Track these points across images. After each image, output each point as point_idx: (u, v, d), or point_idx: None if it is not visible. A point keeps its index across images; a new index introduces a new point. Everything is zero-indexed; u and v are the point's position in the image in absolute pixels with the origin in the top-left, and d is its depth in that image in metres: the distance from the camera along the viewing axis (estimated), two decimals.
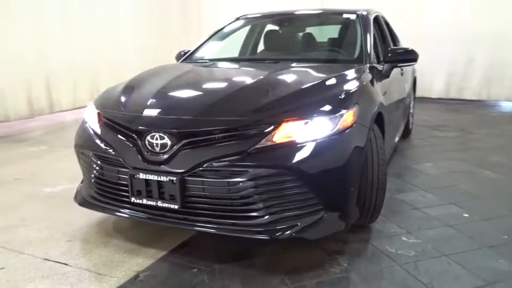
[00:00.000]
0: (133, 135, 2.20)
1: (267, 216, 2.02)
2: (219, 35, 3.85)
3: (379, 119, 2.60)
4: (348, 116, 2.14)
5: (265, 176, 1.97)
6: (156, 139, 2.10)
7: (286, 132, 2.04)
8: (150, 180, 2.10)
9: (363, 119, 2.25)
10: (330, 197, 2.08)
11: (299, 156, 2.00)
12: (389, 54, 3.09)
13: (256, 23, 4.15)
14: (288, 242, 2.36)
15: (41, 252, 2.38)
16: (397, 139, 3.96)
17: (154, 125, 2.15)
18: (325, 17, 3.96)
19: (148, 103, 2.32)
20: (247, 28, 4.10)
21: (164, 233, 2.53)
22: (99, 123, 2.44)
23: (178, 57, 3.75)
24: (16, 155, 4.55)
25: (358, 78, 2.54)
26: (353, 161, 2.11)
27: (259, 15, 4.10)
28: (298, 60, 3.20)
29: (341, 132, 2.09)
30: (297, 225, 2.02)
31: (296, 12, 4.02)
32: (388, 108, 2.98)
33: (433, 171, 3.81)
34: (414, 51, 3.14)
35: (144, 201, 2.15)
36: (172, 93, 2.46)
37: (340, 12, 3.77)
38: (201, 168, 2.02)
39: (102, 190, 2.36)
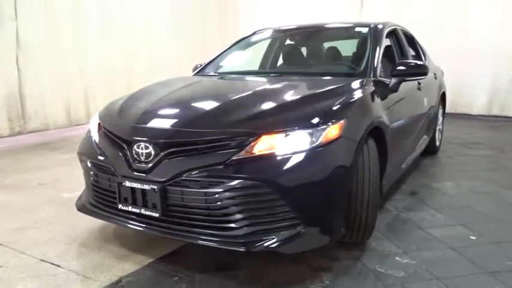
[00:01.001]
0: (124, 144, 2.28)
1: (244, 228, 2.02)
2: (234, 48, 3.92)
3: (378, 134, 2.54)
4: (332, 130, 2.11)
5: (241, 187, 1.97)
6: (142, 149, 2.17)
7: (266, 144, 2.04)
8: (135, 188, 2.16)
9: (351, 133, 2.20)
10: (309, 211, 2.05)
11: (275, 168, 2.00)
12: (397, 68, 3.01)
13: (271, 37, 4.18)
14: (276, 255, 2.34)
15: (40, 253, 2.50)
16: (414, 156, 3.82)
17: (140, 135, 2.22)
18: (338, 31, 3.92)
19: (139, 114, 2.40)
20: (262, 42, 4.14)
21: (157, 241, 2.58)
22: (98, 132, 2.55)
23: (194, 70, 3.85)
24: (46, 161, 4.82)
25: (352, 92, 2.49)
26: (335, 175, 2.07)
27: (274, 30, 4.14)
28: (304, 74, 3.20)
29: (323, 146, 2.06)
30: (273, 238, 2.00)
31: (311, 27, 4.02)
32: (394, 123, 2.89)
33: (452, 191, 3.63)
34: (423, 65, 3.05)
35: (130, 208, 2.21)
36: (163, 106, 2.53)
37: (354, 26, 3.73)
38: (180, 178, 2.06)
39: (97, 197, 2.46)
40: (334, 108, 2.24)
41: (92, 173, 2.45)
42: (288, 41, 4.20)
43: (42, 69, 6.32)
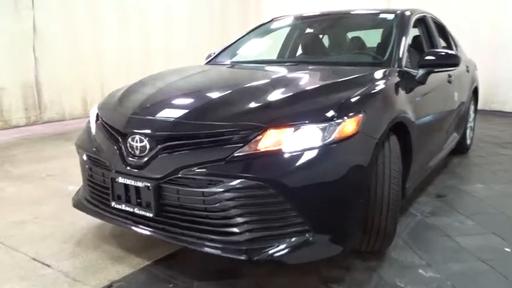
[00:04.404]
0: (118, 136, 2.10)
1: (246, 234, 1.80)
2: (249, 36, 3.70)
3: (401, 130, 2.28)
4: (347, 125, 1.86)
5: (242, 188, 1.75)
6: (136, 142, 1.97)
7: (273, 140, 1.81)
8: (129, 185, 1.97)
9: (370, 129, 1.95)
10: (320, 216, 1.81)
11: (282, 167, 1.77)
12: (425, 58, 2.72)
13: (290, 25, 3.93)
14: (282, 264, 2.11)
15: (33, 251, 2.36)
16: (442, 154, 3.51)
17: (135, 126, 2.03)
18: (361, 18, 3.62)
19: (136, 105, 2.21)
20: (280, 30, 3.89)
21: (157, 241, 2.38)
22: (96, 123, 2.38)
23: (207, 58, 3.65)
24: (60, 152, 4.73)
25: (373, 82, 2.23)
26: (350, 176, 1.83)
27: (293, 17, 3.88)
28: (322, 63, 2.94)
29: (337, 142, 1.82)
30: (278, 246, 1.78)
31: (332, 14, 3.75)
32: (421, 119, 2.62)
33: (482, 194, 3.31)
34: (454, 55, 2.74)
35: (123, 207, 2.02)
36: (163, 96, 2.32)
37: (379, 12, 3.44)
38: (176, 176, 1.85)
39: (92, 192, 2.29)
40: (352, 100, 1.99)
41: (87, 167, 2.28)
42: (308, 30, 3.94)
43: (59, 59, 6.25)
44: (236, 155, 1.79)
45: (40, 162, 4.29)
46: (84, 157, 2.31)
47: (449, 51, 2.83)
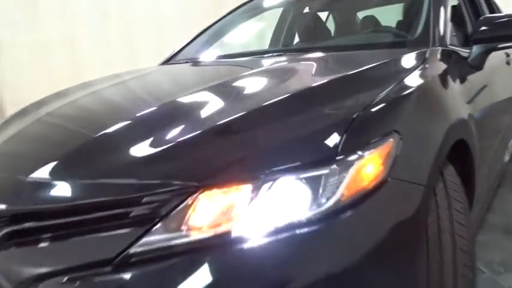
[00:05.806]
0: None
1: None
2: (226, 22, 2.79)
3: (459, 154, 1.31)
4: (366, 165, 0.91)
5: None
6: None
7: (211, 213, 0.87)
8: None
9: (411, 168, 0.99)
10: None
11: (229, 277, 0.83)
12: (482, 29, 1.72)
13: (281, 4, 2.98)
14: None
15: None
16: (507, 159, 2.49)
17: None
18: None
19: None
20: (270, 11, 2.95)
21: None
22: None
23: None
24: None
25: (405, 76, 1.24)
26: (378, 270, 0.88)
27: None
28: (322, 49, 1.97)
29: (346, 208, 0.87)
30: None
31: None
32: (484, 125, 1.65)
33: None
34: None
35: None
36: (34, 131, 1.39)
37: None
38: None
39: None
40: (370, 112, 1.03)
41: None
42: (306, 9, 2.99)
43: (27, 73, 5.47)
44: (134, 251, 0.86)
45: None
46: None
47: None
